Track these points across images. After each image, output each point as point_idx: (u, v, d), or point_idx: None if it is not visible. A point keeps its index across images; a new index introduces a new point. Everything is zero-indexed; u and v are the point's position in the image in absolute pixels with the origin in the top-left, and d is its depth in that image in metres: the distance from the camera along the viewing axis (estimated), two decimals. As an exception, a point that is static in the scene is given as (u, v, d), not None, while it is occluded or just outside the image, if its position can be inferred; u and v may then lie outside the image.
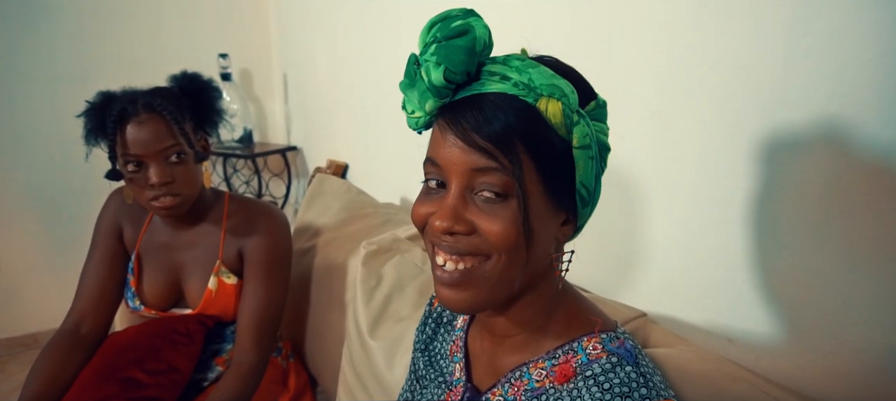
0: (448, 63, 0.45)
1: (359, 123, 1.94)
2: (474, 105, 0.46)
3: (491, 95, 0.45)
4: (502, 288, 0.49)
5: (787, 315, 0.73)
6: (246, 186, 2.56)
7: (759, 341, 0.76)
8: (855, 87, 0.62)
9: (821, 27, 0.64)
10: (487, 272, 0.48)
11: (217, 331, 1.22)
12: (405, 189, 1.70)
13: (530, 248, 0.47)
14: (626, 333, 0.54)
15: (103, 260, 1.17)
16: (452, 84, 0.46)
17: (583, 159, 0.46)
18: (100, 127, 1.01)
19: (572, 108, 0.45)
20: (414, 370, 0.71)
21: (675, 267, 0.86)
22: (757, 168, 0.74)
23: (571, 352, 0.52)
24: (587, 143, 0.46)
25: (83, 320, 1.14)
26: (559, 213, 0.49)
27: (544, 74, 0.46)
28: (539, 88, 0.45)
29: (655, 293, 0.90)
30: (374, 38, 1.76)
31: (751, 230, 0.75)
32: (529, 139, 0.45)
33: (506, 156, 0.45)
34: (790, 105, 0.68)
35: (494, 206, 0.46)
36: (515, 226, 0.46)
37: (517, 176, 0.45)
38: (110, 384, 1.02)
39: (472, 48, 0.45)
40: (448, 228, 0.47)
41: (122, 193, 1.19)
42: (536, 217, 0.47)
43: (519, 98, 0.45)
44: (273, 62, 2.55)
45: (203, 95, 1.11)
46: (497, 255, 0.47)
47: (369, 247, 1.12)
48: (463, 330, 0.63)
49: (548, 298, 0.54)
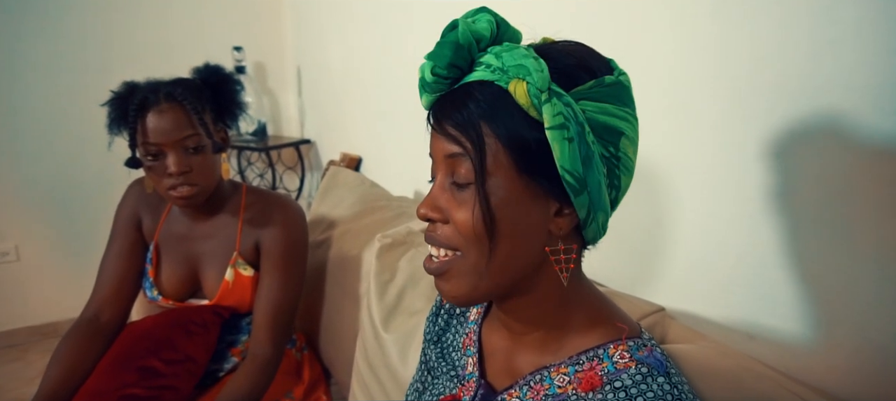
0: (434, 59, 0.47)
1: (372, 117, 1.94)
2: (451, 94, 0.48)
3: (469, 84, 0.47)
4: (482, 281, 0.48)
5: (811, 312, 0.72)
6: (260, 179, 2.57)
7: (780, 337, 0.75)
8: (881, 78, 0.60)
9: (848, 16, 0.62)
10: (461, 264, 0.49)
11: (233, 322, 1.23)
12: (418, 183, 1.70)
13: (494, 237, 0.46)
14: (652, 339, 0.51)
15: (122, 250, 1.18)
16: (442, 78, 0.47)
17: (557, 141, 0.43)
18: (122, 115, 1.02)
19: (540, 86, 0.43)
20: (425, 362, 0.71)
21: (694, 262, 0.85)
22: (779, 162, 0.72)
23: (596, 359, 0.50)
24: (560, 123, 0.43)
25: (102, 309, 1.15)
26: (549, 202, 0.47)
27: (516, 56, 0.44)
28: (508, 71, 0.45)
29: (673, 288, 0.88)
30: (387, 32, 1.76)
31: (773, 225, 0.74)
32: (496, 122, 0.45)
33: (469, 140, 0.45)
34: (813, 97, 0.67)
35: (463, 193, 0.47)
36: (470, 210, 0.46)
37: (476, 159, 0.45)
38: (128, 373, 1.03)
39: (456, 42, 0.46)
40: (423, 215, 0.50)
41: (141, 184, 1.20)
42: (508, 205, 0.46)
43: (494, 83, 0.45)
44: (287, 55, 2.56)
45: (224, 87, 1.12)
46: (465, 246, 0.48)
47: (384, 240, 1.12)
48: (477, 323, 0.62)
49: (559, 297, 0.51)
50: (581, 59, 0.47)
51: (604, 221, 0.49)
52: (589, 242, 0.51)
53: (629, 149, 0.48)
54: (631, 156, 0.48)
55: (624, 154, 0.47)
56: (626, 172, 0.48)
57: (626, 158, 0.48)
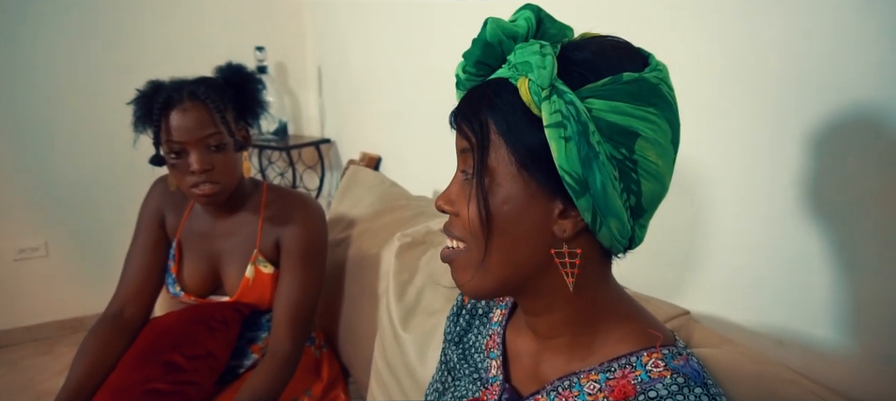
0: (465, 57, 0.48)
1: (392, 117, 1.94)
2: (470, 91, 0.49)
3: (487, 81, 0.48)
4: (482, 274, 0.49)
5: (843, 317, 0.69)
6: (280, 178, 2.60)
7: (811, 343, 0.73)
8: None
9: (882, 7, 0.60)
10: (464, 257, 0.50)
11: (253, 319, 1.24)
12: (437, 182, 1.70)
13: (491, 232, 0.46)
14: (687, 348, 0.49)
15: (146, 246, 1.20)
16: (472, 75, 0.49)
17: (554, 139, 0.42)
18: (147, 114, 1.04)
19: (540, 83, 0.43)
20: (445, 362, 0.70)
21: (721, 264, 0.83)
22: (811, 161, 0.70)
23: (629, 367, 0.48)
24: (556, 121, 0.42)
25: (126, 305, 1.17)
26: (552, 202, 0.46)
27: (525, 52, 0.44)
28: (518, 67, 0.45)
29: (699, 291, 0.86)
30: (407, 32, 1.76)
31: (804, 226, 0.72)
32: (500, 118, 0.45)
33: (473, 134, 0.46)
34: (846, 93, 0.65)
35: (471, 187, 0.48)
36: (473, 204, 0.47)
37: (477, 154, 0.46)
38: (151, 367, 1.05)
39: (484, 40, 0.46)
40: (437, 207, 0.52)
41: (165, 181, 1.22)
42: (506, 201, 0.46)
43: (508, 80, 0.46)
44: (308, 55, 2.58)
45: (246, 86, 1.13)
46: (469, 239, 0.49)
47: (403, 239, 1.12)
48: (501, 325, 0.61)
49: (584, 301, 0.50)
50: (601, 56, 0.45)
51: (619, 227, 0.46)
52: (609, 248, 0.48)
53: (650, 152, 0.44)
54: (653, 160, 0.45)
55: (642, 157, 0.44)
56: (650, 178, 0.45)
57: (646, 162, 0.44)
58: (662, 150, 0.45)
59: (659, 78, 0.45)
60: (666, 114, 0.45)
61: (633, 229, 0.47)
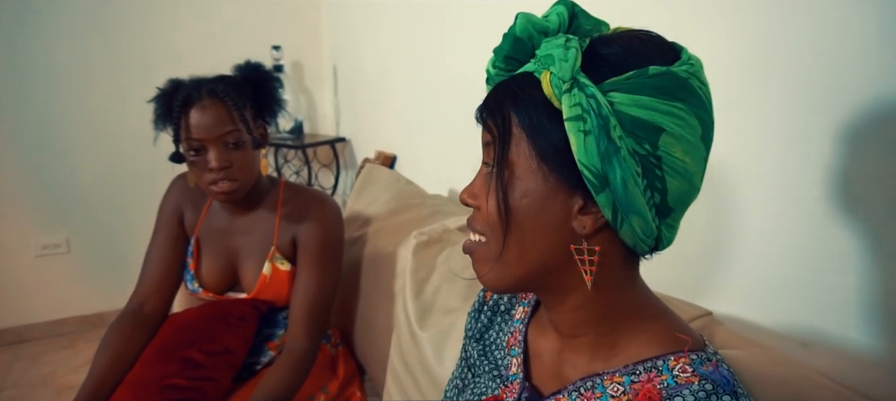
0: (495, 52, 0.48)
1: (407, 115, 1.94)
2: (496, 85, 0.49)
3: (513, 75, 0.48)
4: (501, 268, 0.49)
5: (873, 318, 0.67)
6: (296, 177, 2.62)
7: (838, 345, 0.71)
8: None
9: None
10: (483, 250, 0.50)
11: (270, 316, 1.24)
12: (453, 181, 1.69)
13: (509, 226, 0.46)
14: (718, 354, 0.48)
15: (165, 243, 1.21)
16: (501, 70, 0.49)
17: (574, 133, 0.42)
18: (167, 111, 1.05)
19: (562, 76, 0.42)
20: (465, 358, 0.69)
21: (745, 263, 0.81)
22: (841, 159, 0.68)
23: (655, 370, 0.46)
24: (576, 114, 0.42)
25: (146, 301, 1.18)
26: (572, 197, 0.45)
27: (549, 46, 0.45)
28: (542, 60, 0.45)
29: (722, 291, 0.85)
30: (423, 31, 1.75)
31: (833, 225, 0.70)
32: (521, 111, 0.45)
33: (496, 127, 0.47)
34: (883, 88, 0.63)
35: (492, 180, 0.48)
36: (493, 198, 0.47)
37: (498, 146, 0.46)
38: (170, 363, 1.06)
39: (513, 35, 0.47)
40: (461, 200, 0.52)
41: (184, 178, 1.23)
42: (526, 195, 0.46)
43: (532, 74, 0.46)
44: (323, 54, 2.59)
45: (264, 84, 1.14)
46: (488, 233, 0.49)
47: (420, 238, 1.12)
48: (523, 322, 0.61)
49: (608, 300, 0.49)
50: (629, 50, 0.44)
51: (642, 226, 0.44)
52: (632, 247, 0.47)
53: (676, 148, 0.43)
54: (680, 157, 0.43)
55: (667, 153, 0.43)
56: (675, 175, 0.43)
57: (671, 159, 0.43)
58: (690, 146, 0.44)
59: (689, 72, 0.43)
60: (696, 109, 0.43)
61: (659, 229, 0.46)
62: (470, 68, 1.47)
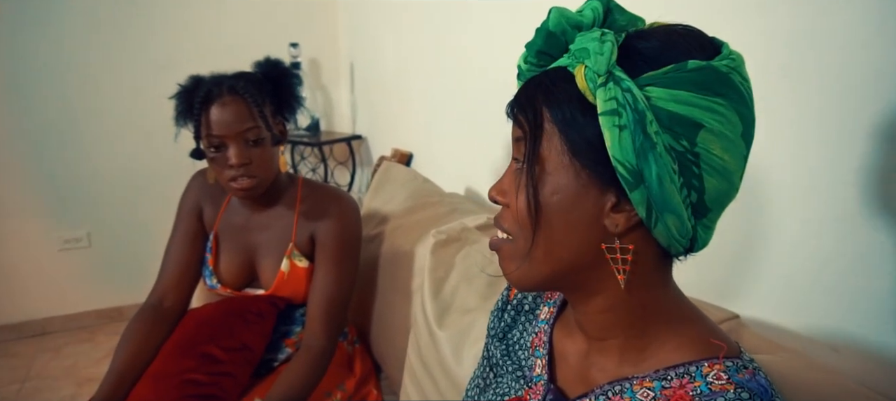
0: (527, 47, 0.48)
1: (424, 113, 1.94)
2: (528, 80, 0.48)
3: (546, 70, 0.47)
4: (528, 266, 0.48)
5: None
6: (312, 174, 2.63)
7: (869, 349, 0.69)
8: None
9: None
10: (509, 247, 0.50)
11: (288, 313, 1.25)
12: (470, 179, 1.68)
13: (539, 222, 0.46)
14: (754, 361, 0.46)
15: (184, 239, 1.22)
16: (533, 65, 0.48)
17: (608, 128, 0.41)
18: (187, 108, 1.06)
19: (597, 70, 0.41)
20: (487, 358, 0.68)
21: (773, 266, 0.79)
22: (874, 159, 0.66)
23: (687, 376, 0.45)
24: (611, 108, 0.41)
25: (165, 296, 1.19)
26: (604, 194, 0.44)
27: (584, 39, 0.44)
28: (576, 54, 0.44)
29: (749, 294, 0.83)
30: (440, 28, 1.75)
31: (864, 227, 0.68)
32: (554, 106, 0.45)
33: (527, 122, 0.46)
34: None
35: (522, 177, 0.47)
36: (523, 194, 0.46)
37: (529, 142, 0.46)
38: (189, 358, 1.07)
39: (547, 30, 0.46)
40: (490, 197, 0.52)
41: (204, 175, 1.24)
42: (557, 192, 0.45)
43: (566, 69, 0.45)
44: (340, 52, 2.60)
45: (283, 81, 1.14)
46: (516, 230, 0.48)
47: (438, 236, 1.11)
48: (548, 323, 0.60)
49: (638, 302, 0.48)
50: (667, 44, 0.43)
51: (677, 225, 0.43)
52: (666, 247, 0.46)
53: (715, 145, 0.41)
54: (719, 154, 0.42)
55: (705, 150, 0.41)
56: (714, 173, 0.42)
57: (709, 156, 0.42)
58: (730, 144, 0.42)
59: (730, 67, 0.42)
60: (736, 106, 0.42)
61: (694, 229, 0.44)
62: (489, 66, 1.46)
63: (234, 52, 1.57)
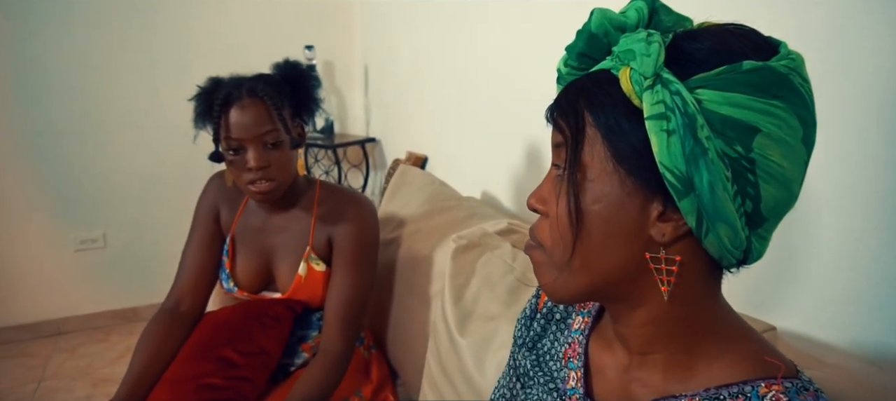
0: (568, 49, 0.46)
1: (439, 116, 1.92)
2: (568, 84, 0.46)
3: (588, 73, 0.45)
4: (566, 277, 0.46)
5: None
6: (326, 176, 2.62)
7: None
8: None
9: None
10: (542, 256, 0.48)
11: (304, 317, 1.23)
12: (486, 183, 1.66)
13: (579, 232, 0.44)
14: (814, 383, 0.44)
15: (202, 241, 1.21)
16: (574, 69, 0.46)
17: (655, 132, 0.39)
18: (207, 110, 1.05)
19: (643, 72, 0.40)
20: (514, 367, 0.66)
21: (812, 276, 0.76)
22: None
23: (742, 397, 0.43)
24: (659, 112, 0.39)
25: (182, 299, 1.19)
26: (650, 202, 0.42)
27: (629, 40, 0.42)
28: (620, 56, 0.42)
29: (785, 305, 0.80)
30: (456, 31, 1.73)
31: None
32: (597, 110, 0.43)
33: (568, 127, 0.44)
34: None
35: (560, 184, 0.46)
36: (563, 201, 0.44)
37: (570, 147, 0.44)
38: (207, 362, 1.06)
39: (589, 31, 0.44)
40: (529, 205, 0.50)
41: (222, 177, 1.23)
42: (600, 200, 0.43)
43: (609, 71, 0.43)
44: (355, 55, 2.59)
45: (302, 83, 1.13)
46: (550, 240, 0.47)
47: (459, 242, 1.09)
48: (582, 333, 0.57)
49: (685, 315, 0.45)
50: (719, 44, 0.41)
51: (730, 236, 0.41)
52: (717, 259, 0.44)
53: (773, 151, 0.39)
54: (777, 161, 0.40)
55: (762, 156, 0.39)
56: (771, 180, 0.40)
57: (766, 162, 0.39)
58: (789, 149, 0.40)
59: (790, 68, 0.40)
60: (796, 109, 0.40)
61: (748, 240, 0.42)
62: (506, 69, 1.44)
63: (250, 55, 1.56)
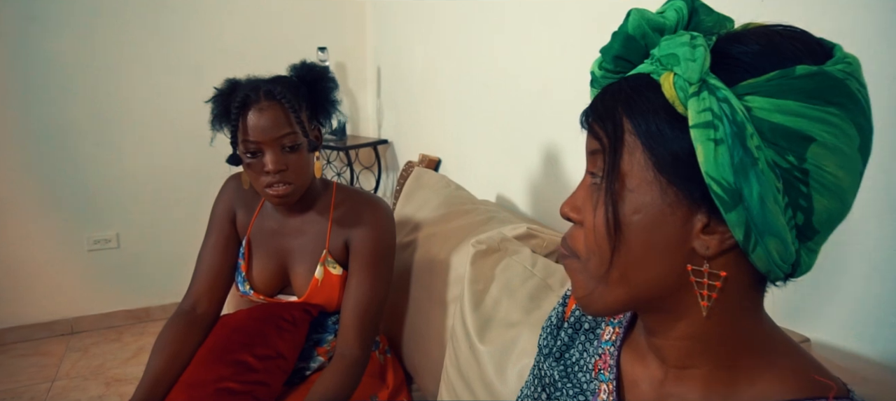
0: (603, 52, 0.44)
1: (452, 118, 1.91)
2: (605, 88, 0.45)
3: (626, 77, 0.43)
4: (603, 288, 0.44)
5: None
6: (338, 178, 2.62)
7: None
8: None
9: None
10: (578, 266, 0.46)
11: (320, 321, 1.22)
12: (500, 186, 1.65)
13: (618, 243, 0.42)
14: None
15: (218, 244, 1.20)
16: (609, 72, 0.45)
17: (701, 141, 0.38)
18: (224, 113, 1.04)
19: (688, 78, 0.38)
20: (539, 377, 0.65)
21: (848, 287, 0.74)
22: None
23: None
24: (706, 120, 0.37)
25: (198, 302, 1.18)
26: (694, 214, 0.40)
27: (672, 44, 0.40)
28: (662, 60, 0.40)
29: (820, 316, 0.78)
30: (469, 33, 1.72)
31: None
32: (637, 116, 0.41)
33: (606, 134, 0.43)
34: None
35: (600, 193, 0.44)
36: (601, 211, 0.43)
37: (608, 155, 0.42)
38: (224, 365, 1.05)
39: (625, 33, 0.43)
40: (563, 214, 0.48)
41: (238, 179, 1.22)
42: (639, 210, 0.41)
43: (649, 76, 0.41)
44: (368, 56, 2.58)
45: (319, 85, 1.12)
46: (585, 250, 0.45)
47: (478, 247, 1.08)
48: (613, 344, 0.56)
49: (727, 330, 0.44)
50: (770, 46, 0.39)
51: (780, 249, 0.39)
52: (765, 273, 0.42)
53: (829, 161, 0.37)
54: (832, 171, 0.37)
55: (815, 166, 0.37)
56: (824, 192, 0.38)
57: (821, 173, 0.37)
58: (845, 159, 0.38)
59: (846, 72, 0.37)
60: (853, 116, 0.38)
61: (798, 253, 0.40)
62: (520, 71, 1.42)
63: (264, 56, 1.56)
